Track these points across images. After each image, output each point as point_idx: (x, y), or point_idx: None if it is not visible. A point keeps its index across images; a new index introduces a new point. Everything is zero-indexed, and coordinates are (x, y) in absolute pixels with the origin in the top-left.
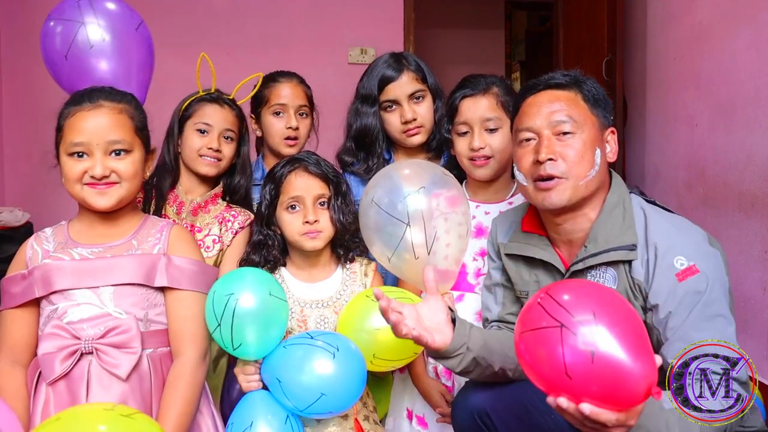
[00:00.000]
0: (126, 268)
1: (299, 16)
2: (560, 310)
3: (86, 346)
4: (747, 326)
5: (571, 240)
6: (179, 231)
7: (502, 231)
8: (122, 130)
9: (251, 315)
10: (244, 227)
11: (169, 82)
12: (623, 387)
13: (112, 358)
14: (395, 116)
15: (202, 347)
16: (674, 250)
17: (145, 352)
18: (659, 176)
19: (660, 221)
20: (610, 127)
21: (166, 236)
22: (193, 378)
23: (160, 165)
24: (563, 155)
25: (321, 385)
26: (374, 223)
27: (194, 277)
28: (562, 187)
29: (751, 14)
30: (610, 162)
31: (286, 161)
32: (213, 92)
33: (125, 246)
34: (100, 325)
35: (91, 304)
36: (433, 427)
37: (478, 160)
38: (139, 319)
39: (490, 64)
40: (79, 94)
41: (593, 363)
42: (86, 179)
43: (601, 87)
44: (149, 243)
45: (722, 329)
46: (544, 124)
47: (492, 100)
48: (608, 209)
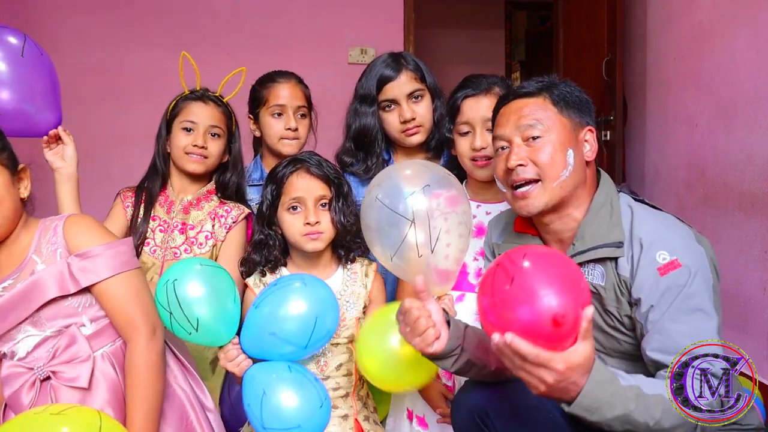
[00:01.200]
0: (39, 290)
1: (299, 16)
2: (501, 257)
3: (41, 373)
4: (747, 326)
5: (561, 239)
6: (72, 221)
7: (497, 232)
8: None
9: (193, 291)
10: (238, 221)
11: (168, 82)
12: (534, 312)
13: (69, 374)
14: (394, 116)
15: (145, 328)
16: (657, 244)
17: (101, 351)
18: (659, 176)
19: (646, 217)
20: (587, 126)
21: (60, 235)
22: (147, 359)
23: (150, 167)
24: (533, 159)
25: (313, 310)
26: (377, 221)
27: (105, 262)
28: (537, 191)
29: (751, 14)
30: (589, 161)
31: (288, 162)
32: (198, 90)
33: (29, 266)
34: (48, 349)
35: (29, 335)
36: (433, 427)
37: (479, 161)
38: (81, 325)
39: (490, 64)
40: None
41: (511, 286)
42: None
43: (578, 88)
44: (50, 250)
45: (700, 324)
46: (513, 131)
47: (493, 101)
48: (596, 208)
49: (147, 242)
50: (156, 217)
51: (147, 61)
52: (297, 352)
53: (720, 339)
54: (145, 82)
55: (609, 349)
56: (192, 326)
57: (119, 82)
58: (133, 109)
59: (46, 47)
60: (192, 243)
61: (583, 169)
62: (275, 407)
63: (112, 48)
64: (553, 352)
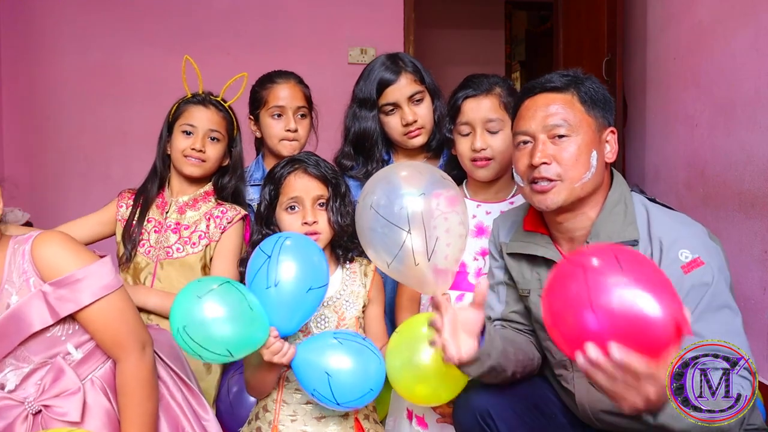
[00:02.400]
0: (16, 325)
1: (299, 16)
2: (583, 257)
3: (31, 407)
4: (747, 326)
5: (573, 237)
6: (39, 243)
7: (504, 230)
8: None
9: (207, 329)
10: (233, 222)
11: (169, 82)
12: (650, 324)
13: (60, 408)
14: (396, 119)
15: (133, 347)
16: (678, 243)
17: (92, 377)
18: (659, 176)
19: (662, 217)
20: (610, 127)
21: (29, 260)
22: (137, 382)
23: (152, 169)
24: (558, 158)
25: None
26: (372, 229)
27: (85, 287)
28: (557, 189)
29: (751, 14)
30: (609, 162)
31: (286, 162)
32: (200, 94)
33: (2, 298)
34: (36, 382)
35: (15, 368)
36: (433, 427)
37: (479, 161)
38: (67, 353)
39: (490, 65)
40: None
41: (617, 299)
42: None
43: (602, 86)
44: (21, 280)
45: (730, 321)
46: (539, 128)
47: (495, 101)
48: (609, 206)
49: (142, 243)
50: (151, 219)
51: (147, 61)
52: (324, 293)
53: (744, 336)
54: (145, 82)
55: None
56: (227, 354)
57: (119, 82)
58: (133, 109)
59: (46, 47)
60: (185, 242)
61: (603, 170)
62: (344, 383)
63: (112, 48)
64: (657, 360)
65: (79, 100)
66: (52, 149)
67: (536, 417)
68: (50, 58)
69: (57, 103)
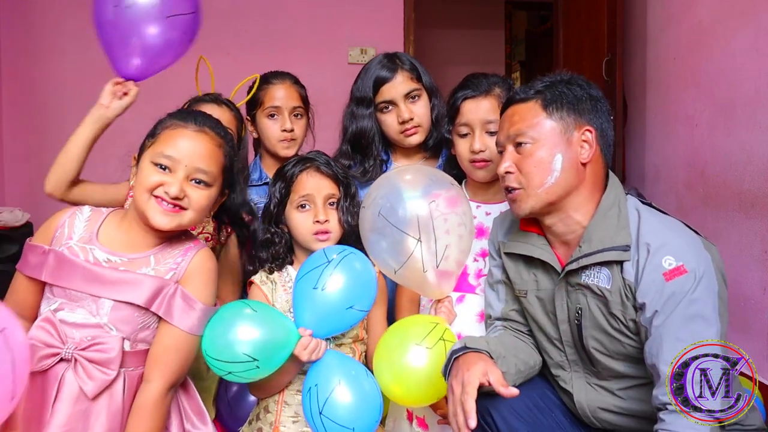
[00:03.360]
0: (131, 287)
1: (299, 16)
2: None
3: (67, 352)
4: (747, 326)
5: (566, 240)
6: (202, 259)
7: (503, 230)
8: (213, 163)
9: (236, 349)
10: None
11: (169, 82)
12: None
13: (87, 373)
14: (392, 117)
15: (171, 379)
16: (664, 249)
17: (124, 371)
18: (659, 176)
19: (653, 222)
20: (585, 127)
21: (187, 261)
22: (156, 410)
23: None
24: (520, 167)
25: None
26: (378, 237)
27: (193, 319)
28: (520, 197)
29: (751, 14)
30: (584, 163)
31: (297, 160)
32: (211, 94)
33: (142, 261)
34: (87, 335)
35: (86, 310)
36: (433, 428)
37: (478, 162)
38: (126, 338)
39: (490, 64)
40: (187, 113)
41: None
42: (159, 192)
43: (587, 86)
44: (166, 264)
45: (699, 330)
46: (506, 139)
47: (493, 102)
48: (603, 210)
49: None
50: None
51: None
52: (362, 317)
53: None
54: (145, 82)
55: (612, 351)
56: (266, 368)
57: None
58: (133, 109)
59: (46, 47)
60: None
61: (577, 171)
62: (341, 403)
63: None
64: None
65: (79, 100)
66: (52, 149)
67: (536, 416)
68: (50, 58)
69: (57, 103)
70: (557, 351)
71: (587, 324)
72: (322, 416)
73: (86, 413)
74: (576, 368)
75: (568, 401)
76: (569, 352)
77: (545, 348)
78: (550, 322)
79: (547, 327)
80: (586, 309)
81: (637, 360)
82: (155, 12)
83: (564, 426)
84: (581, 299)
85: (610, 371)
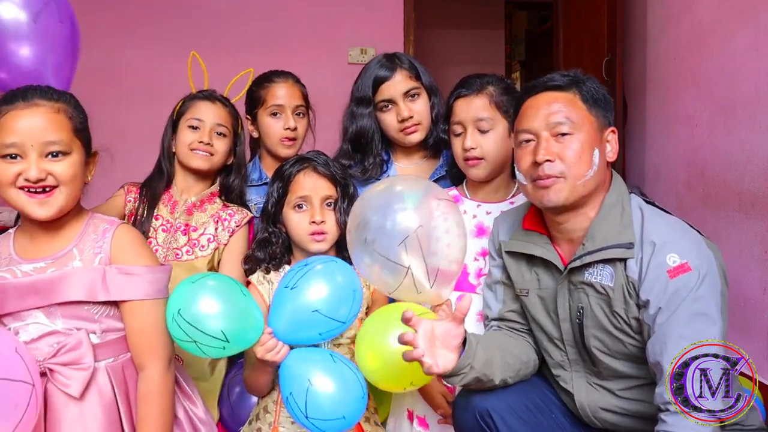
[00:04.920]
0: (66, 285)
1: (299, 16)
2: None
3: (41, 367)
4: (747, 326)
5: (571, 238)
6: (123, 233)
7: (504, 229)
8: (59, 130)
9: (202, 308)
10: (241, 225)
11: (169, 82)
12: None
13: (64, 377)
14: (391, 115)
15: (164, 357)
16: (668, 247)
17: (103, 364)
18: (659, 176)
19: (656, 220)
20: (611, 126)
21: (108, 241)
22: (161, 392)
23: (155, 168)
24: (561, 156)
25: (351, 283)
26: (369, 265)
27: (141, 285)
28: (559, 185)
29: (751, 14)
30: (610, 161)
31: (296, 160)
32: (206, 90)
33: (66, 257)
34: (51, 344)
35: (39, 323)
36: (434, 428)
37: (470, 161)
38: (92, 332)
39: (490, 64)
40: (12, 92)
41: None
42: (20, 182)
43: (602, 86)
44: (91, 252)
45: (702, 328)
46: (542, 126)
47: (485, 100)
48: (607, 208)
49: (149, 241)
50: (159, 216)
51: (147, 61)
52: (335, 329)
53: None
54: (146, 82)
55: (614, 351)
56: (222, 340)
57: (119, 82)
58: (134, 109)
59: None
60: (194, 245)
61: (605, 169)
62: (321, 398)
63: (112, 48)
64: None
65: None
66: None
67: (536, 417)
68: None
69: None
70: (558, 350)
71: (589, 323)
72: (309, 420)
73: (81, 415)
74: (577, 368)
75: (569, 401)
76: (570, 352)
77: (546, 347)
78: (551, 321)
79: (548, 326)
80: (587, 308)
81: (639, 360)
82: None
83: (564, 426)
84: (583, 298)
85: (611, 371)
